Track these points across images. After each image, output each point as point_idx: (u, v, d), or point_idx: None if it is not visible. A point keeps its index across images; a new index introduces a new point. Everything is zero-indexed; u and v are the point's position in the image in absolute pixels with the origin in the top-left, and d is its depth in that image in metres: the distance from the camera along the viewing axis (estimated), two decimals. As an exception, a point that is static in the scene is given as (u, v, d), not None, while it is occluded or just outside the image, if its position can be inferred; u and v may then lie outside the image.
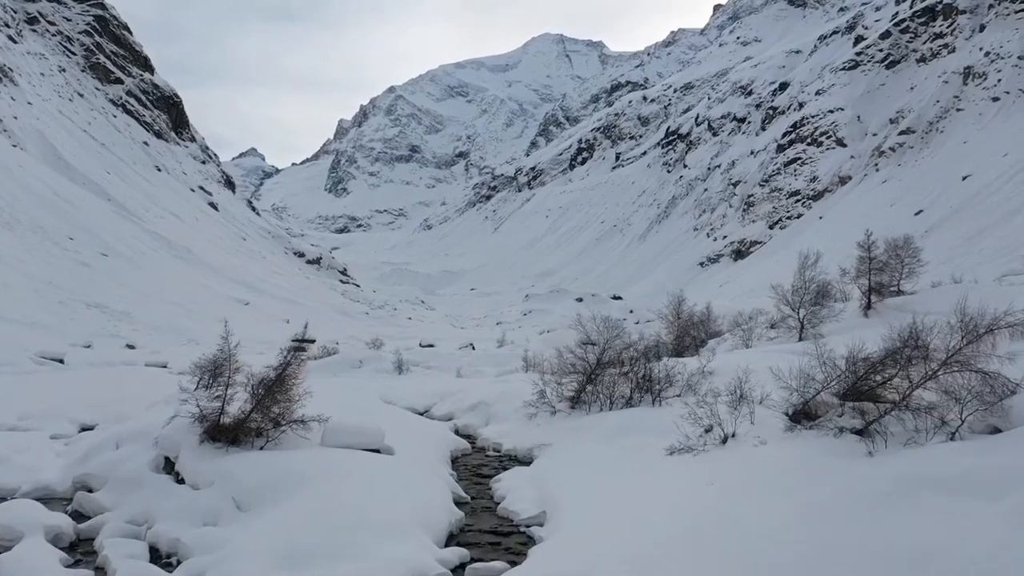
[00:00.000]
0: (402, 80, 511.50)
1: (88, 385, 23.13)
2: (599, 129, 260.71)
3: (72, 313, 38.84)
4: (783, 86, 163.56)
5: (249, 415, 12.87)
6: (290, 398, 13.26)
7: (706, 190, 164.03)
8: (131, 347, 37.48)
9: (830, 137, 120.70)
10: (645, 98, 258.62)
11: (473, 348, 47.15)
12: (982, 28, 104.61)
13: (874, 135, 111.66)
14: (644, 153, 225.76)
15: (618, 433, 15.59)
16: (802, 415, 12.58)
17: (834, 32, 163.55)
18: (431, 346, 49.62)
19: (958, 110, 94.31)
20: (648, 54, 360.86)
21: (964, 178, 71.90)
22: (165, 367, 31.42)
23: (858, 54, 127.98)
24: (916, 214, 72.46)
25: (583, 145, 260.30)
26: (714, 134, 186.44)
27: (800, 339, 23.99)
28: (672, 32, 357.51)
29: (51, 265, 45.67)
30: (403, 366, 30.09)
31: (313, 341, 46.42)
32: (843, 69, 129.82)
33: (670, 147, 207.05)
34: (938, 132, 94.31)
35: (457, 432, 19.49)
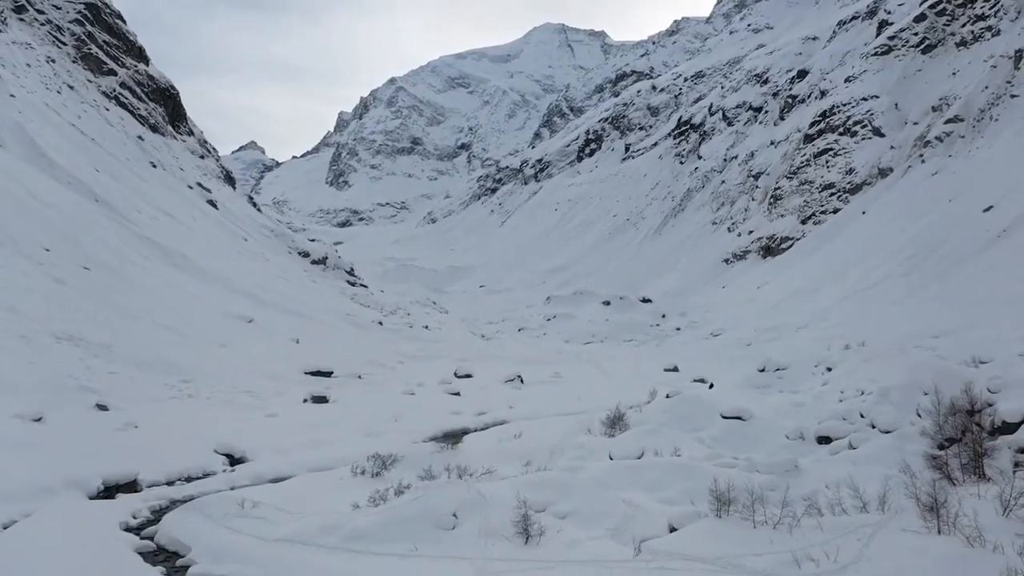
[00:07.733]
0: (402, 72, 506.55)
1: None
2: (607, 120, 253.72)
3: (34, 352, 31.19)
4: (801, 74, 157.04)
5: None
6: None
7: (723, 182, 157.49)
8: (102, 408, 29.00)
9: (865, 126, 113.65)
10: (654, 88, 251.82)
11: (522, 381, 40.74)
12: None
13: (915, 124, 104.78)
14: (655, 144, 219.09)
15: None
16: None
17: (854, 17, 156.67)
18: (468, 376, 43.14)
19: (1012, 96, 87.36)
20: (653, 43, 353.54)
21: (1038, 171, 65.35)
22: (134, 486, 21.69)
23: (890, 38, 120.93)
24: (985, 211, 65.87)
25: (591, 136, 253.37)
26: (729, 124, 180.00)
27: None
28: (675, 21, 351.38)
29: (17, 285, 38.15)
30: (529, 527, 16.47)
31: (331, 374, 40.26)
32: (874, 55, 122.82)
33: (682, 138, 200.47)
34: (993, 120, 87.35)
35: None
